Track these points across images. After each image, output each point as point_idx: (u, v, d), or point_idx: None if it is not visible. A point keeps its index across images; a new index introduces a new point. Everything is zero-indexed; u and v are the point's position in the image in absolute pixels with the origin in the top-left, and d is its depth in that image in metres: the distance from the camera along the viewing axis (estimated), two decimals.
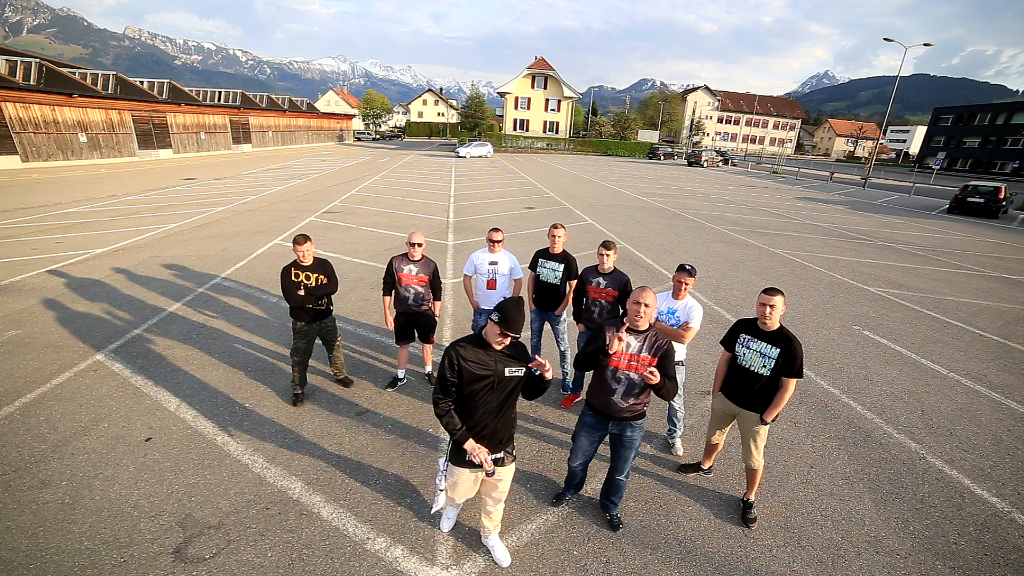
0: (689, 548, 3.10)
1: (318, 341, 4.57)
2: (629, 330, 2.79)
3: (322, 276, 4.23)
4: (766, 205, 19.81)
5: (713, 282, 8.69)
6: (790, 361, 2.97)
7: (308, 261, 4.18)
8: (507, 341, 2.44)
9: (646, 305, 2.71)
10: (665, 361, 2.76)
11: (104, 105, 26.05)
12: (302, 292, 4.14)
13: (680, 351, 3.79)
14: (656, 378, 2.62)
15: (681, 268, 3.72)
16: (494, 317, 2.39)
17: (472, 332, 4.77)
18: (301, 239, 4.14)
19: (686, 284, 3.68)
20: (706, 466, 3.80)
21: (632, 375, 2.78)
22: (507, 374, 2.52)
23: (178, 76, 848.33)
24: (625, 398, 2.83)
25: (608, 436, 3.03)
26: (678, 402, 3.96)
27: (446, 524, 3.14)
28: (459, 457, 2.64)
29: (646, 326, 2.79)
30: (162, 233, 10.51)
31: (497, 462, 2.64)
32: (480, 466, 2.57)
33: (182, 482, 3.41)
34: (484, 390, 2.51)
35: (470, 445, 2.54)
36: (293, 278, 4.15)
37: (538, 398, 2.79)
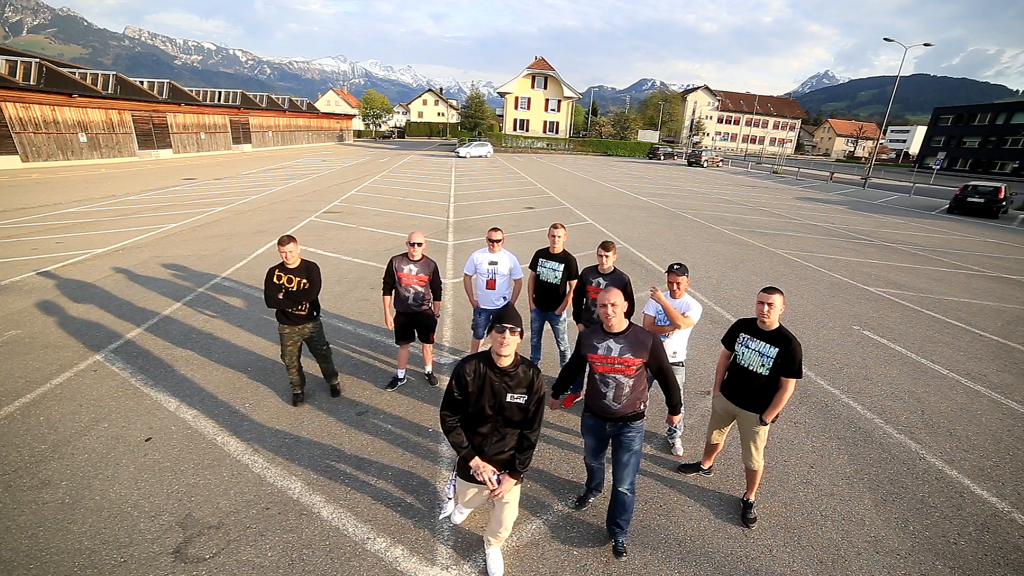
0: (689, 548, 3.10)
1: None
2: (607, 333, 2.80)
3: (305, 281, 4.11)
4: (766, 205, 19.81)
5: (713, 282, 8.69)
6: (789, 361, 2.97)
7: (294, 263, 4.08)
8: (506, 341, 2.40)
9: (613, 304, 2.71)
10: (657, 353, 2.77)
11: (104, 105, 26.06)
12: (281, 296, 4.05)
13: (680, 351, 3.79)
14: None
15: (669, 270, 3.72)
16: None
17: (472, 331, 4.80)
18: (286, 239, 4.01)
19: (678, 284, 3.68)
20: (706, 466, 3.80)
21: (620, 377, 2.79)
22: (508, 399, 2.49)
23: (178, 76, 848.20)
24: (617, 400, 2.83)
25: (609, 438, 3.04)
26: None
27: (458, 517, 3.19)
28: (466, 472, 2.63)
29: (621, 326, 2.79)
30: (162, 233, 10.51)
31: (499, 480, 2.59)
32: (486, 483, 2.56)
33: (182, 482, 3.41)
34: (485, 409, 2.49)
35: (475, 463, 2.55)
36: (275, 280, 4.07)
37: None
